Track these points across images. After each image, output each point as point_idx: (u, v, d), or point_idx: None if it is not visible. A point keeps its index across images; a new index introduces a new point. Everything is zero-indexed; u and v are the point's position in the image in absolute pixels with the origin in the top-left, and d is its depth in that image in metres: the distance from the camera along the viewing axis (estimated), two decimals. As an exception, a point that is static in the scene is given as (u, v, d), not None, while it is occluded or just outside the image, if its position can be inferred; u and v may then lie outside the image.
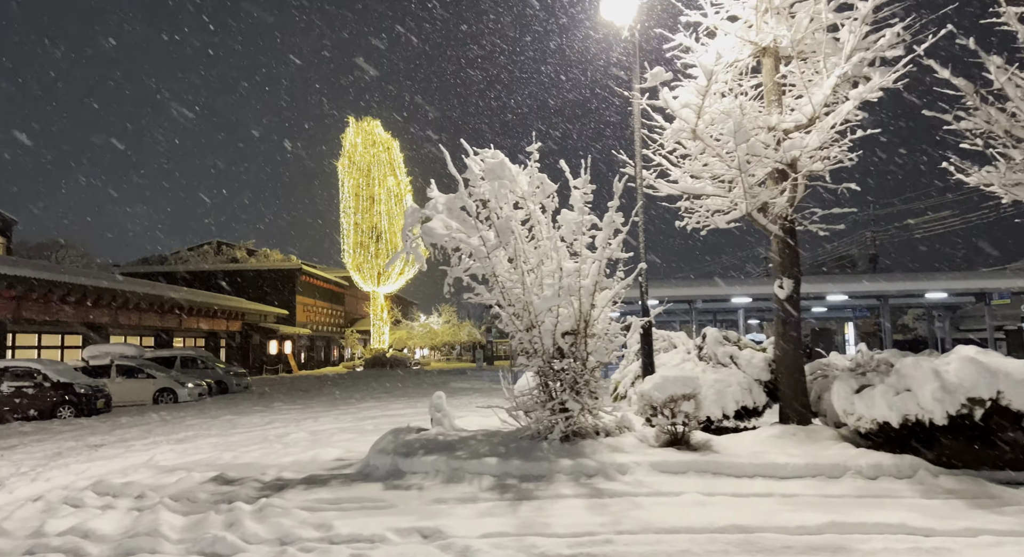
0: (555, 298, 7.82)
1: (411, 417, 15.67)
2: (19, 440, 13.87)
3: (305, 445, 11.45)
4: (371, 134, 60.39)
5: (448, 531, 5.66)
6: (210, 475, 8.82)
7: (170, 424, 16.07)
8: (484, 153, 8.83)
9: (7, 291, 25.31)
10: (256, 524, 6.24)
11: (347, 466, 9.04)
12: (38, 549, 5.88)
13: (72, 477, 9.38)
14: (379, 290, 59.44)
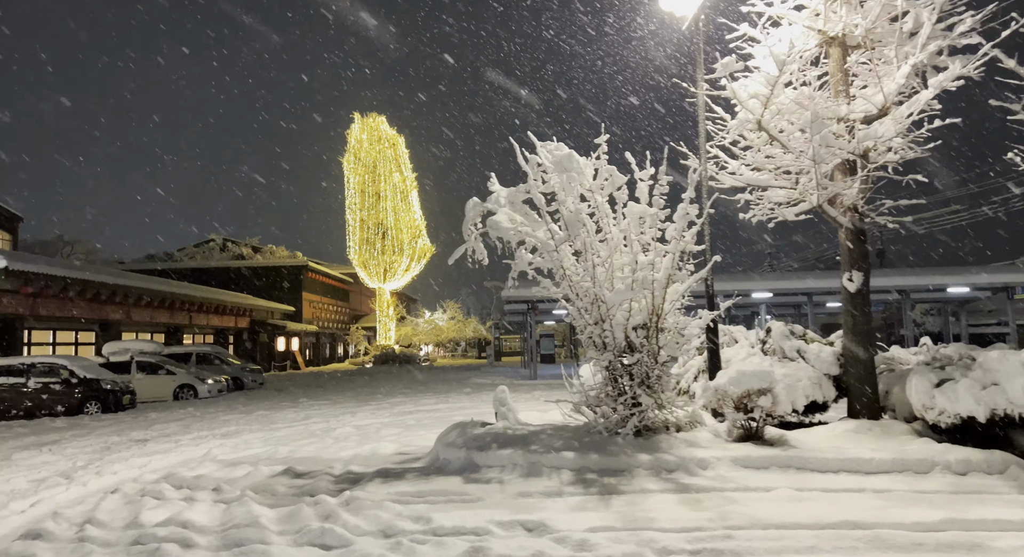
0: (628, 292, 7.83)
1: (447, 412, 15.71)
2: (58, 435, 13.86)
3: (356, 440, 11.47)
4: (376, 130, 60.31)
5: (552, 525, 5.64)
6: (278, 469, 8.82)
7: (204, 420, 16.07)
8: (548, 145, 8.82)
9: (24, 287, 25.23)
10: (351, 516, 6.25)
11: (413, 460, 9.05)
12: (145, 539, 5.90)
13: (136, 470, 9.40)
14: (385, 286, 59.43)
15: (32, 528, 6.42)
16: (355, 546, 5.46)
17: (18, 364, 19.25)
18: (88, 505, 7.41)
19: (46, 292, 26.39)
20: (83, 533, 6.20)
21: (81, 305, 28.88)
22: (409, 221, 60.03)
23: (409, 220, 60.04)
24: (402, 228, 59.38)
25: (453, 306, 67.86)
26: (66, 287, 27.31)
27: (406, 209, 60.03)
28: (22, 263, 24.55)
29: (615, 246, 8.26)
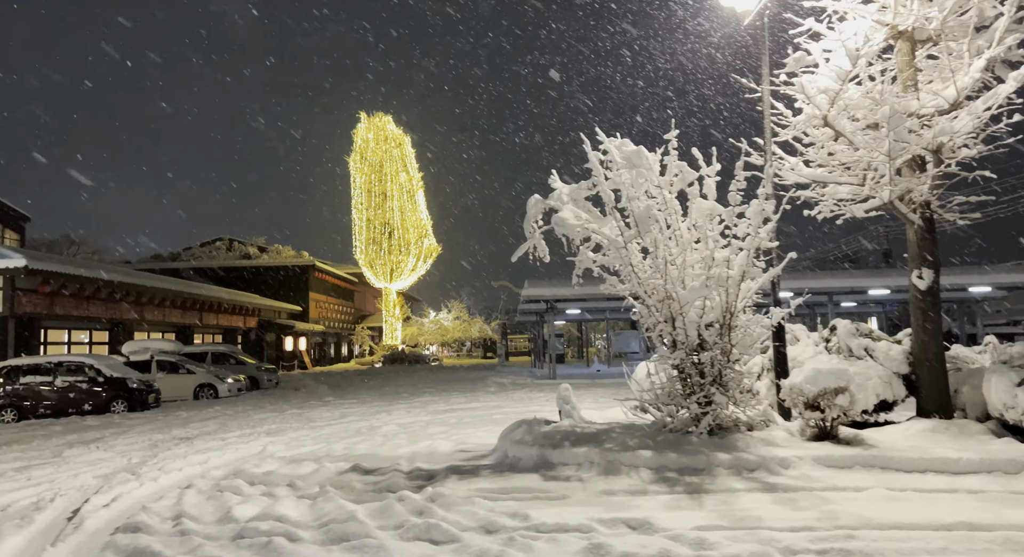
0: (703, 289, 7.83)
1: (483, 411, 15.71)
2: (97, 433, 13.83)
3: (406, 437, 11.47)
4: (383, 130, 60.38)
5: (657, 523, 5.61)
6: (344, 466, 8.83)
7: (239, 418, 16.05)
8: (614, 141, 8.82)
9: (42, 286, 25.21)
10: (445, 512, 6.26)
11: (479, 457, 9.06)
12: (248, 533, 5.90)
13: (199, 467, 9.39)
14: (391, 286, 59.44)
15: (127, 522, 6.42)
16: (464, 542, 5.45)
17: (45, 363, 19.21)
18: (170, 500, 7.40)
19: (63, 291, 26.37)
20: (181, 526, 6.20)
21: (97, 304, 28.86)
22: (415, 221, 60.08)
23: (415, 220, 60.09)
24: (408, 228, 59.46)
25: (458, 306, 67.85)
26: (83, 286, 27.28)
27: (412, 209, 60.09)
28: (41, 262, 24.53)
29: (687, 243, 8.26)
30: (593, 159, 8.86)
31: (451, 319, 66.58)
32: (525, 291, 25.95)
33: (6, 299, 24.20)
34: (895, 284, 24.70)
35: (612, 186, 8.83)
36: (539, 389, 22.18)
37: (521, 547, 5.18)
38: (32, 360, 19.34)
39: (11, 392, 18.39)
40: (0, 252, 23.98)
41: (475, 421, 13.60)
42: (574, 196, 9.06)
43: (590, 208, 9.06)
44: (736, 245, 8.01)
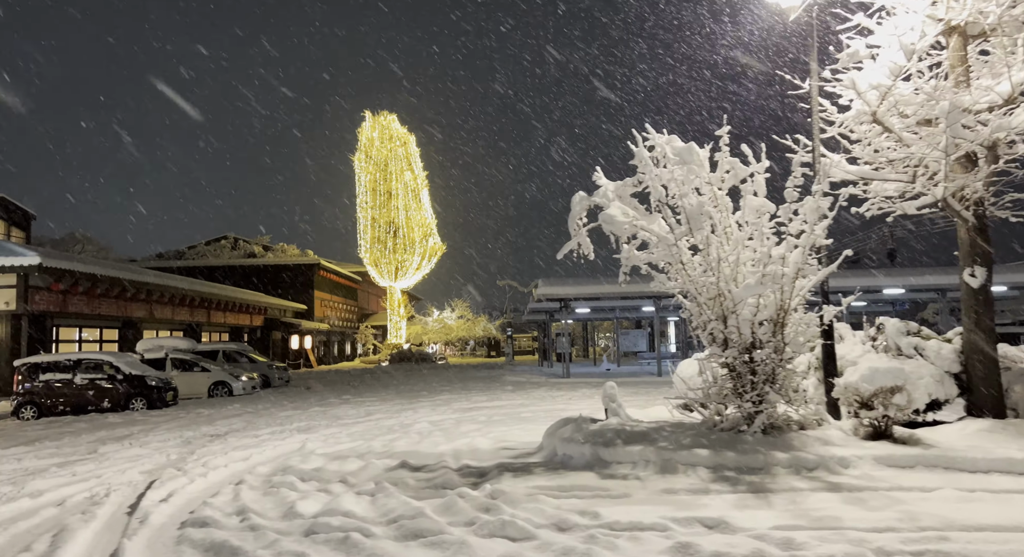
0: (758, 286, 7.81)
1: (510, 409, 15.69)
2: (125, 430, 13.79)
3: (441, 435, 11.44)
4: (388, 129, 60.24)
5: (733, 522, 5.57)
6: (391, 463, 8.82)
7: (263, 416, 16.00)
8: (660, 138, 8.80)
9: (55, 284, 25.15)
10: (513, 509, 6.24)
11: (525, 455, 9.05)
12: (319, 528, 5.88)
13: (242, 464, 9.37)
14: (396, 285, 59.35)
15: (193, 516, 6.42)
16: (543, 539, 5.42)
17: (64, 360, 19.17)
18: (226, 495, 7.39)
19: (75, 289, 26.32)
20: (249, 521, 6.19)
21: (108, 302, 28.82)
22: (420, 220, 59.98)
23: (420, 219, 59.99)
24: (413, 227, 59.33)
25: (462, 305, 67.78)
26: (94, 284, 27.22)
27: (417, 208, 59.97)
28: (55, 260, 24.46)
29: (740, 240, 8.23)
30: (640, 155, 8.84)
31: (455, 318, 66.52)
32: (540, 290, 25.93)
33: (20, 297, 24.12)
34: (909, 283, 24.73)
35: (658, 182, 8.82)
36: (557, 387, 22.16)
37: (605, 545, 5.15)
38: (51, 357, 19.30)
39: (31, 389, 18.36)
40: (14, 250, 23.90)
41: (505, 419, 13.57)
42: (620, 193, 9.04)
43: (636, 205, 9.04)
44: (791, 242, 7.98)
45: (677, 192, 8.43)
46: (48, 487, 8.18)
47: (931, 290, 25.44)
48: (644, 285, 25.90)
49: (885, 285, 24.69)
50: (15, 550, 5.78)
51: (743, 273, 8.22)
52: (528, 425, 12.49)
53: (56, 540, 5.91)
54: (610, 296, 26.45)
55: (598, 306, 33.11)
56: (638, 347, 43.20)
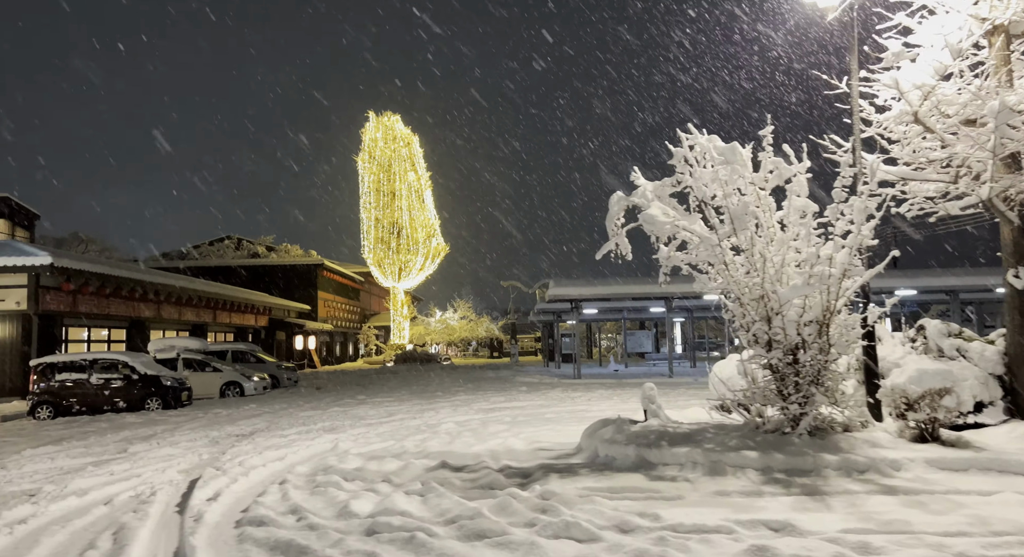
0: (804, 287, 7.80)
1: (533, 410, 15.67)
2: (148, 430, 13.75)
3: (471, 436, 11.43)
4: (391, 129, 60.23)
5: (800, 525, 5.50)
6: (430, 463, 8.81)
7: (285, 417, 15.96)
8: (701, 138, 8.79)
9: (66, 284, 25.08)
10: (570, 510, 6.21)
11: (564, 456, 9.04)
12: (379, 527, 5.87)
13: (278, 463, 9.35)
14: (399, 286, 59.34)
15: (249, 515, 6.42)
16: (610, 540, 5.39)
17: (80, 360, 19.15)
18: (273, 495, 7.37)
19: (85, 289, 26.26)
20: (306, 520, 6.19)
21: (116, 302, 28.75)
22: (424, 220, 59.98)
23: (424, 219, 59.99)
24: (417, 227, 59.33)
25: (464, 305, 67.77)
26: (104, 284, 27.17)
27: (421, 208, 59.97)
28: (66, 260, 24.41)
29: (785, 241, 8.22)
30: (678, 155, 8.84)
31: (457, 319, 66.50)
32: (551, 291, 25.92)
33: (31, 296, 24.04)
34: (922, 285, 24.81)
35: (694, 183, 8.81)
36: (572, 389, 22.15)
37: (678, 547, 5.09)
38: (67, 357, 19.27)
39: (47, 389, 18.33)
40: (25, 250, 23.87)
41: (530, 420, 13.54)
42: (658, 193, 9.03)
43: (675, 205, 9.03)
44: (839, 242, 7.96)
45: (721, 192, 8.40)
46: (90, 486, 8.17)
47: (943, 291, 25.47)
48: (655, 286, 25.92)
49: (898, 286, 24.67)
50: (80, 547, 5.77)
51: (788, 274, 8.20)
52: (556, 426, 12.48)
53: (118, 538, 5.90)
54: (621, 296, 26.45)
55: (606, 307, 33.11)
56: (643, 348, 43.28)
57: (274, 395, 23.19)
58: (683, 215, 8.83)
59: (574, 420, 13.29)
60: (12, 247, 24.20)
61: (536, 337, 70.89)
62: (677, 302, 28.00)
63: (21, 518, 6.75)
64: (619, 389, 21.31)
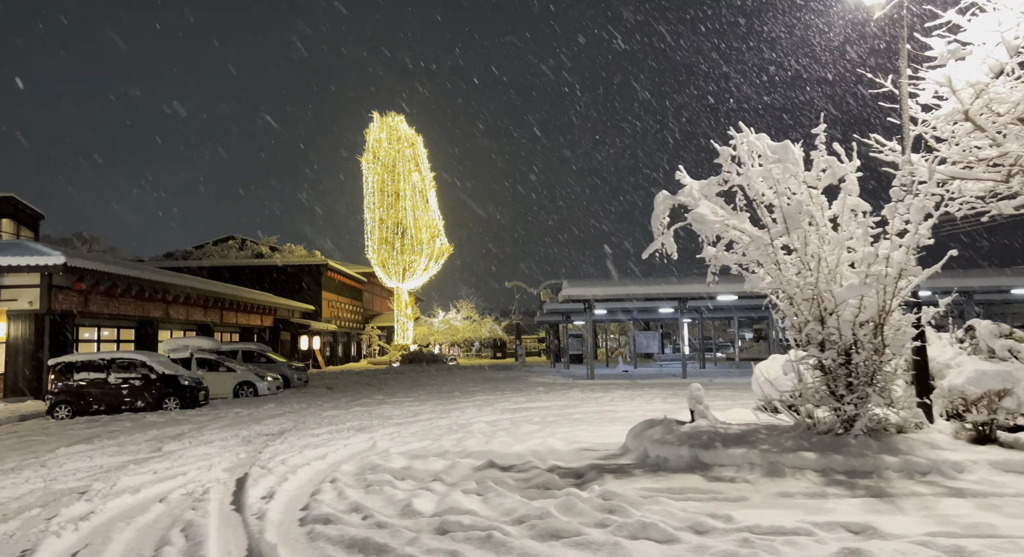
0: (861, 287, 7.75)
1: (559, 410, 15.63)
2: (174, 429, 13.68)
3: (506, 436, 11.39)
4: (395, 130, 60.16)
5: (880, 528, 5.43)
6: (476, 462, 8.76)
7: (310, 416, 15.87)
8: (746, 137, 8.74)
9: (78, 284, 24.97)
10: (638, 511, 6.17)
11: (611, 456, 9.00)
12: (449, 526, 5.84)
13: (321, 462, 9.32)
14: (403, 286, 59.26)
15: (313, 513, 6.39)
16: (689, 542, 5.34)
17: (98, 359, 19.09)
18: (328, 493, 7.33)
19: (96, 289, 26.14)
20: (372, 518, 6.16)
21: (126, 302, 28.65)
22: (428, 221, 59.92)
23: (428, 220, 59.93)
24: (421, 228, 59.27)
25: (467, 306, 67.66)
26: (114, 284, 27.06)
27: (425, 209, 59.91)
28: (78, 260, 24.32)
29: (839, 240, 8.18)
30: (724, 154, 8.79)
31: (460, 319, 66.40)
32: (565, 291, 25.86)
33: (43, 296, 23.92)
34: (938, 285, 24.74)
35: (743, 182, 8.77)
36: (589, 389, 22.09)
37: (767, 549, 5.01)
38: (85, 357, 19.21)
39: (65, 388, 18.26)
40: (38, 249, 23.77)
41: (560, 420, 13.47)
42: (705, 192, 8.99)
43: (723, 204, 8.98)
44: (896, 241, 7.92)
45: (773, 190, 8.36)
46: (139, 484, 8.12)
47: (961, 292, 25.41)
48: (669, 286, 25.86)
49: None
50: (153, 543, 5.74)
51: (843, 274, 8.16)
52: (588, 426, 12.43)
53: (189, 534, 5.88)
54: (635, 297, 26.40)
55: (615, 308, 33.07)
56: (649, 348, 43.25)
57: (288, 395, 23.11)
58: (732, 214, 8.78)
59: (604, 421, 13.25)
60: (25, 247, 24.11)
61: (539, 338, 70.83)
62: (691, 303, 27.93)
63: (81, 515, 6.72)
64: (636, 390, 21.25)
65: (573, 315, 36.08)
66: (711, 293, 25.62)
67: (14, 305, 23.33)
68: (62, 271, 23.30)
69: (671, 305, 31.31)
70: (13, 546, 5.86)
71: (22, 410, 19.04)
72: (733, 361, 45.24)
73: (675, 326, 58.08)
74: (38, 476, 8.88)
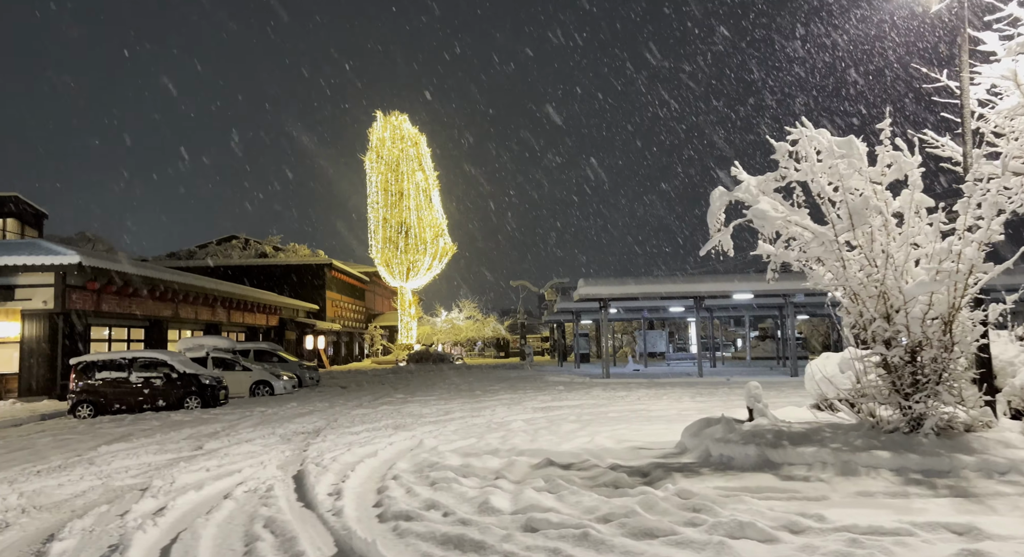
0: (932, 283, 7.67)
1: (589, 409, 15.54)
2: (207, 428, 13.55)
3: (548, 434, 11.35)
4: (399, 128, 60.00)
5: (985, 529, 5.31)
6: (533, 460, 8.70)
7: (340, 415, 15.75)
8: (809, 131, 8.66)
9: (91, 283, 24.83)
10: (723, 509, 6.06)
11: (670, 455, 8.93)
12: (537, 524, 5.77)
13: (373, 460, 9.24)
14: (407, 286, 59.13)
15: (392, 510, 6.34)
16: (793, 542, 5.19)
17: (119, 359, 18.97)
18: (397, 490, 7.26)
19: (109, 288, 26.01)
20: (453, 515, 6.14)
21: (138, 302, 28.51)
22: (431, 220, 59.78)
23: (431, 219, 59.79)
24: (425, 227, 59.13)
25: (469, 305, 67.56)
26: (126, 284, 26.93)
27: (428, 208, 59.78)
28: (93, 259, 24.18)
29: (908, 236, 8.10)
30: (781, 150, 8.72)
31: (463, 319, 66.30)
32: (581, 290, 25.78)
33: (57, 296, 23.77)
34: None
35: (802, 177, 8.69)
36: (610, 388, 22.01)
37: (881, 550, 4.90)
38: (106, 356, 19.10)
39: (87, 387, 18.14)
40: (53, 249, 23.66)
41: (598, 419, 13.36)
42: (762, 188, 8.91)
43: (781, 200, 8.90)
44: (967, 237, 7.84)
45: (833, 186, 8.29)
46: (198, 481, 8.05)
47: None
48: (684, 285, 25.78)
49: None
50: (240, 538, 5.67)
51: (910, 270, 8.08)
52: (629, 425, 12.33)
53: (273, 530, 5.81)
54: (650, 296, 26.33)
55: (626, 307, 33.01)
56: (657, 348, 43.23)
57: (305, 394, 22.99)
58: (792, 210, 8.71)
59: (641, 419, 13.16)
60: (39, 246, 23.98)
61: (543, 337, 70.74)
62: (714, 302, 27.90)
63: (153, 511, 6.64)
64: (658, 388, 21.18)
65: (583, 314, 36.01)
66: (727, 291, 25.57)
67: (28, 305, 23.18)
68: (77, 271, 23.20)
69: (683, 304, 31.29)
70: (96, 541, 5.78)
71: (40, 409, 18.90)
72: (744, 360, 45.30)
73: (680, 325, 58.11)
74: (91, 473, 8.77)
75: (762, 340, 50.54)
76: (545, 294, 63.72)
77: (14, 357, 22.88)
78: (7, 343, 23.07)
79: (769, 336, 51.30)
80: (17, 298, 23.07)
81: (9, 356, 22.99)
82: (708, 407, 14.95)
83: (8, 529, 6.29)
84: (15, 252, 22.93)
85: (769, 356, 45.72)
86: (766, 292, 25.70)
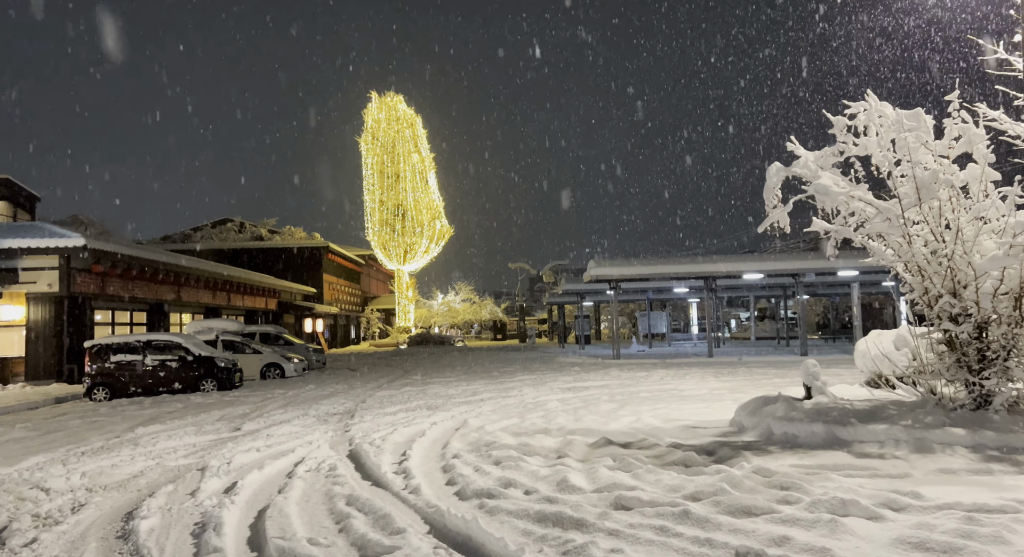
0: (1006, 258, 7.55)
1: (615, 389, 15.47)
2: (235, 410, 13.37)
3: (588, 414, 11.23)
4: (394, 110, 59.47)
5: None
6: (589, 440, 8.59)
7: (369, 398, 15.57)
8: (873, 103, 8.51)
9: (96, 266, 24.51)
10: (811, 487, 5.95)
11: (727, 433, 8.85)
12: (625, 502, 5.64)
13: (424, 440, 9.08)
14: (404, 268, 58.86)
15: (468, 488, 6.24)
16: (898, 519, 5.06)
17: (134, 341, 18.77)
18: (465, 469, 7.15)
19: (113, 271, 25.70)
20: (536, 494, 6.07)
21: (140, 285, 28.20)
22: (428, 202, 59.41)
23: (428, 201, 59.42)
24: (421, 209, 58.77)
25: (466, 288, 67.43)
26: (129, 267, 26.61)
27: (425, 190, 59.39)
28: (98, 242, 23.86)
29: (978, 210, 7.97)
30: (839, 124, 8.58)
31: (459, 301, 66.17)
32: (592, 270, 25.65)
33: (62, 278, 23.46)
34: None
35: (862, 152, 8.56)
36: (627, 368, 21.93)
37: (1004, 527, 4.72)
38: (121, 339, 18.89)
39: (102, 370, 17.95)
40: (57, 232, 23.31)
41: (632, 399, 13.22)
42: (821, 163, 8.76)
43: (840, 175, 8.77)
44: (1041, 210, 7.73)
45: (897, 160, 8.15)
46: (255, 460, 8.03)
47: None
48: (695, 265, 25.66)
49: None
50: (326, 514, 5.58)
51: (980, 244, 7.96)
52: (667, 404, 12.22)
53: (358, 507, 5.70)
54: (662, 276, 26.24)
55: (633, 287, 32.92)
56: (659, 328, 43.22)
57: (316, 377, 22.82)
58: (853, 186, 8.57)
59: (675, 399, 13.05)
60: (43, 229, 23.62)
61: (540, 319, 70.73)
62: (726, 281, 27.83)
63: (223, 488, 6.52)
64: (675, 368, 21.15)
65: (588, 295, 35.91)
66: (739, 271, 25.50)
67: (33, 288, 22.85)
68: (82, 253, 22.86)
69: (689, 284, 31.23)
70: (178, 518, 5.68)
71: (53, 393, 18.65)
72: (746, 339, 45.39)
73: (679, 307, 58.15)
74: (139, 455, 8.62)
75: (761, 320, 50.64)
76: (543, 276, 63.60)
77: (20, 340, 22.59)
78: (12, 326, 22.77)
79: (768, 316, 51.42)
80: (22, 281, 22.73)
81: (15, 339, 22.71)
82: (737, 386, 14.89)
83: (85, 508, 6.16)
84: (18, 235, 22.57)
85: (770, 336, 45.81)
86: (777, 271, 25.67)
